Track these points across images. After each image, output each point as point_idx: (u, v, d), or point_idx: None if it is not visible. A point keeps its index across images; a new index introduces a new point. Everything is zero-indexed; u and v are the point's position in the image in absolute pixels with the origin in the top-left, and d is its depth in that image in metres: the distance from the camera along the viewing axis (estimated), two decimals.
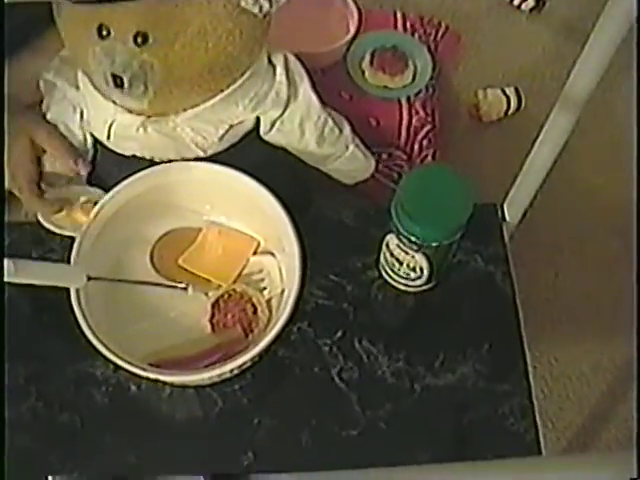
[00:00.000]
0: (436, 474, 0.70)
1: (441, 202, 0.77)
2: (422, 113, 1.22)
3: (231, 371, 0.78)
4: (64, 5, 0.79)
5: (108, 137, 0.88)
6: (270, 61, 0.87)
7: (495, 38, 1.55)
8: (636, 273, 1.27)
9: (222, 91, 0.83)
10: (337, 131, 0.95)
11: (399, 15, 1.37)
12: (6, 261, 0.67)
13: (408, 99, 1.22)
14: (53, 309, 0.80)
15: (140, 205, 0.85)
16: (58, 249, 0.88)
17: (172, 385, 0.83)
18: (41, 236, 0.89)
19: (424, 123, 1.21)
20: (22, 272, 0.69)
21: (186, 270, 0.87)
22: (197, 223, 0.90)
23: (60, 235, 0.86)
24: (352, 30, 1.23)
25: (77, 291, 0.76)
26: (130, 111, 0.84)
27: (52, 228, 0.87)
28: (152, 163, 0.88)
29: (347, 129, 0.97)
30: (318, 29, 0.91)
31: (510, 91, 1.45)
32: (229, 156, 0.89)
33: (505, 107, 1.44)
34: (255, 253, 0.89)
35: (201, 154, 0.88)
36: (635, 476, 0.50)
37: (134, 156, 0.90)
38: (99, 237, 0.82)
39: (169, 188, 0.86)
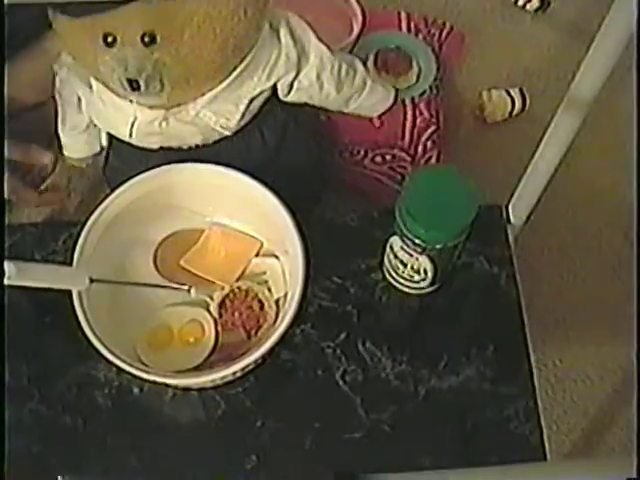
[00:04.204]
0: None
1: (445, 204, 0.76)
2: (426, 114, 1.22)
3: (234, 374, 0.78)
4: (60, 19, 0.78)
5: (130, 135, 0.89)
6: (271, 26, 0.87)
7: (499, 39, 1.55)
8: (636, 276, 1.27)
9: (235, 69, 0.83)
10: (352, 72, 0.97)
11: (403, 15, 1.36)
12: (8, 263, 0.67)
13: (412, 100, 1.21)
14: (55, 311, 0.80)
15: (142, 207, 0.85)
16: (60, 251, 0.88)
17: (175, 387, 0.82)
18: (43, 238, 0.89)
19: (428, 124, 1.21)
20: (24, 275, 0.68)
21: (189, 271, 0.87)
22: (200, 224, 0.90)
23: (63, 237, 0.86)
24: (356, 30, 1.22)
25: (79, 293, 0.76)
26: (150, 107, 0.84)
27: None
28: (179, 150, 0.91)
29: (360, 66, 0.99)
30: (321, 30, 0.91)
31: (515, 92, 1.44)
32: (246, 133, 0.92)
33: (510, 108, 1.43)
34: (258, 255, 0.88)
35: (227, 134, 0.90)
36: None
37: (161, 148, 0.91)
38: (101, 239, 0.81)
39: (172, 190, 0.86)
